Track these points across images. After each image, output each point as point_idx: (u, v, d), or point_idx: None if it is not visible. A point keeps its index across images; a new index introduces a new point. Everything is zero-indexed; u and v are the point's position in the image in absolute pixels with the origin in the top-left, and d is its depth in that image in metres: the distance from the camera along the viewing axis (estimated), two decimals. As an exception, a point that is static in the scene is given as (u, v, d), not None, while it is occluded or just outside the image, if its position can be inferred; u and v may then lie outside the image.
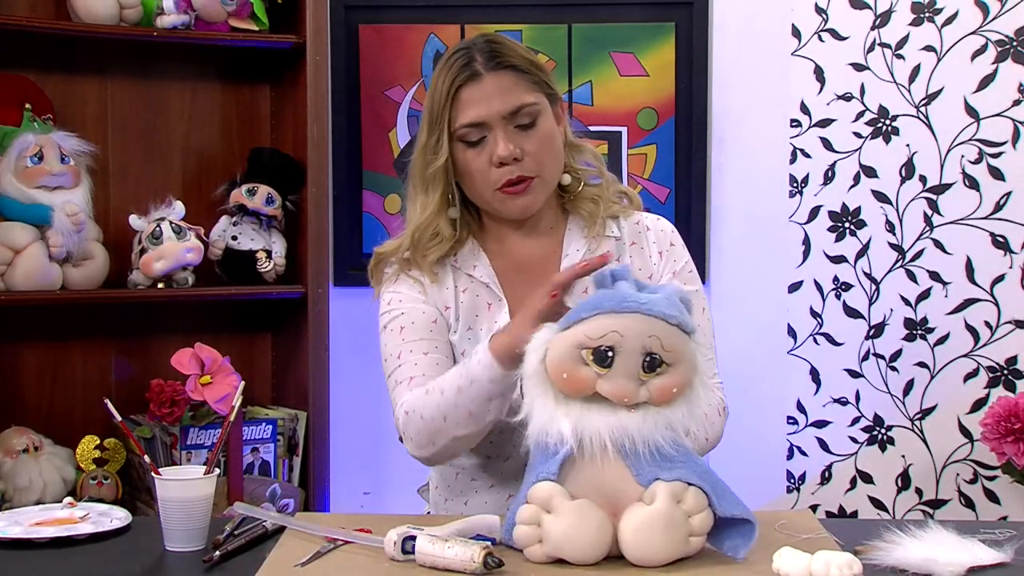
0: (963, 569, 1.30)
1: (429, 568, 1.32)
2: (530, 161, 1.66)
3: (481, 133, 1.65)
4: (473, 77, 1.64)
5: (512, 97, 1.65)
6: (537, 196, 1.69)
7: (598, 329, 1.32)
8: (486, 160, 1.65)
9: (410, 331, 1.70)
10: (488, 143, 1.65)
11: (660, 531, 1.31)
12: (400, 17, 2.83)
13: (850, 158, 2.78)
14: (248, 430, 2.51)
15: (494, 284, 1.73)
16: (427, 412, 1.59)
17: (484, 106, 1.64)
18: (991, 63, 2.70)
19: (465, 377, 1.54)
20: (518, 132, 1.65)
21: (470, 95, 1.64)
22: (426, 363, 1.66)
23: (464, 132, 1.65)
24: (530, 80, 1.67)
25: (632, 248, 1.77)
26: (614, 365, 1.32)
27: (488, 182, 1.66)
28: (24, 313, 2.53)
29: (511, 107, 1.64)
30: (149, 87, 2.65)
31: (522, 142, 1.65)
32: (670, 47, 2.82)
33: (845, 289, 2.79)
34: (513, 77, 1.66)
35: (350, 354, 2.75)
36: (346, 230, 2.85)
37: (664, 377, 1.33)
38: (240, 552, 1.41)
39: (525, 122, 1.66)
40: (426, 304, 1.73)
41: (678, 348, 1.34)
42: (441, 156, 1.66)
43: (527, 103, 1.65)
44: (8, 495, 2.35)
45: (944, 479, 2.76)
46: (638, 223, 1.79)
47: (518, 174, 1.65)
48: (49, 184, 2.37)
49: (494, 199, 1.68)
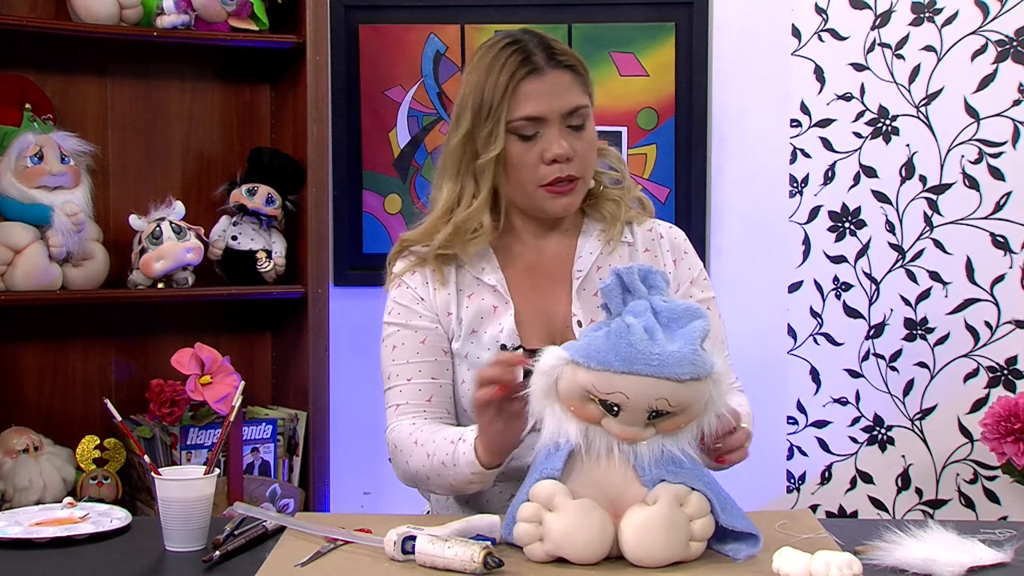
0: (963, 569, 1.30)
1: (429, 568, 1.32)
2: (578, 162, 1.66)
3: (535, 128, 1.65)
4: (535, 71, 1.65)
5: (570, 96, 1.66)
6: (578, 197, 1.70)
7: (605, 386, 1.31)
8: (536, 156, 1.65)
9: (400, 351, 1.72)
10: (540, 139, 1.65)
11: (661, 532, 1.31)
12: (400, 17, 2.83)
13: (850, 158, 2.78)
14: (248, 430, 2.51)
15: (501, 287, 1.72)
16: (412, 462, 1.65)
17: (544, 102, 1.64)
18: (991, 63, 2.70)
19: (450, 457, 1.58)
20: (570, 132, 1.66)
21: (531, 89, 1.64)
22: (409, 391, 1.70)
23: (519, 125, 1.65)
24: (582, 83, 1.69)
25: (645, 255, 1.77)
26: (620, 415, 1.32)
27: (535, 177, 1.66)
28: (24, 313, 2.53)
29: (570, 106, 1.65)
30: (149, 87, 2.65)
31: (573, 143, 1.66)
32: (670, 47, 2.82)
33: (845, 289, 2.79)
34: (571, 77, 1.67)
35: (350, 354, 2.75)
36: (346, 230, 2.85)
37: (672, 418, 1.33)
38: (240, 552, 1.41)
39: (577, 123, 1.67)
40: (420, 318, 1.72)
41: (687, 400, 1.32)
42: (495, 147, 1.65)
43: (581, 105, 1.67)
44: (8, 495, 2.35)
45: (944, 479, 2.76)
46: (651, 230, 1.79)
47: (567, 173, 1.66)
48: (49, 184, 2.37)
49: (537, 195, 1.68)
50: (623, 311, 1.34)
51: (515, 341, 1.68)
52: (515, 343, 1.68)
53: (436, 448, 1.60)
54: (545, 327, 1.71)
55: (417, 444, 1.64)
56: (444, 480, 1.61)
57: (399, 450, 1.67)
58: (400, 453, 1.67)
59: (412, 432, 1.66)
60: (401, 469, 1.69)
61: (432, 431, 1.64)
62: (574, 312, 1.70)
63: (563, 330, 1.70)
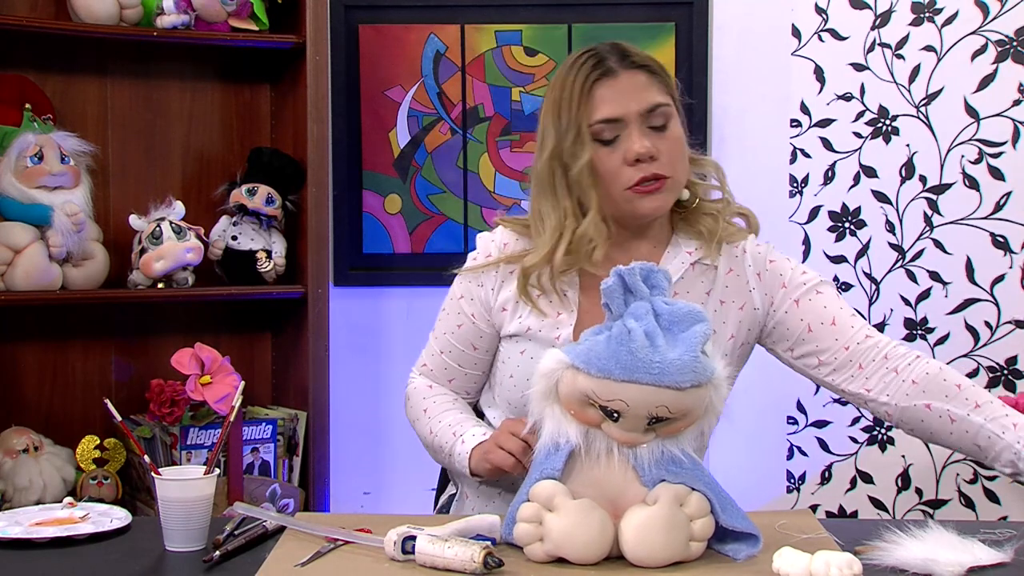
0: (963, 569, 1.30)
1: (429, 568, 1.32)
2: (664, 161, 1.62)
3: (615, 131, 1.62)
4: (608, 74, 1.62)
5: (648, 95, 1.63)
6: (669, 197, 1.65)
7: (605, 393, 1.31)
8: (619, 158, 1.62)
9: (445, 320, 1.78)
10: (621, 141, 1.62)
11: (661, 531, 1.31)
12: (400, 17, 2.83)
13: (850, 158, 2.78)
14: (248, 430, 2.51)
15: (573, 296, 1.68)
16: (418, 426, 1.79)
17: (620, 103, 1.62)
18: (991, 63, 2.70)
19: (448, 448, 1.70)
20: (652, 132, 1.62)
21: (605, 92, 1.62)
22: (437, 363, 1.80)
23: (599, 129, 1.62)
24: (661, 83, 1.66)
25: (728, 276, 1.71)
26: (620, 421, 1.32)
27: (621, 180, 1.62)
28: (24, 313, 2.53)
29: (647, 105, 1.62)
30: (149, 87, 2.65)
31: (656, 142, 1.62)
32: (670, 47, 2.82)
33: (845, 289, 2.79)
34: (647, 76, 1.64)
35: (350, 354, 2.75)
36: (346, 230, 2.85)
37: (672, 424, 1.33)
38: (240, 552, 1.41)
39: (659, 123, 1.63)
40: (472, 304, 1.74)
41: (688, 406, 1.32)
42: (584, 155, 1.61)
43: (661, 103, 1.63)
44: (8, 495, 2.35)
45: (944, 479, 2.76)
46: (738, 247, 1.73)
47: (653, 172, 1.61)
48: (49, 184, 2.37)
49: (624, 198, 1.63)
50: (624, 312, 1.34)
51: None
52: None
53: (439, 431, 1.72)
54: None
55: (425, 413, 1.76)
56: (440, 457, 1.74)
57: (411, 403, 1.81)
58: (411, 407, 1.81)
59: (426, 397, 1.78)
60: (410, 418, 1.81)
61: (443, 408, 1.75)
62: None
63: None
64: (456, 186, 2.85)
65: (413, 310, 2.82)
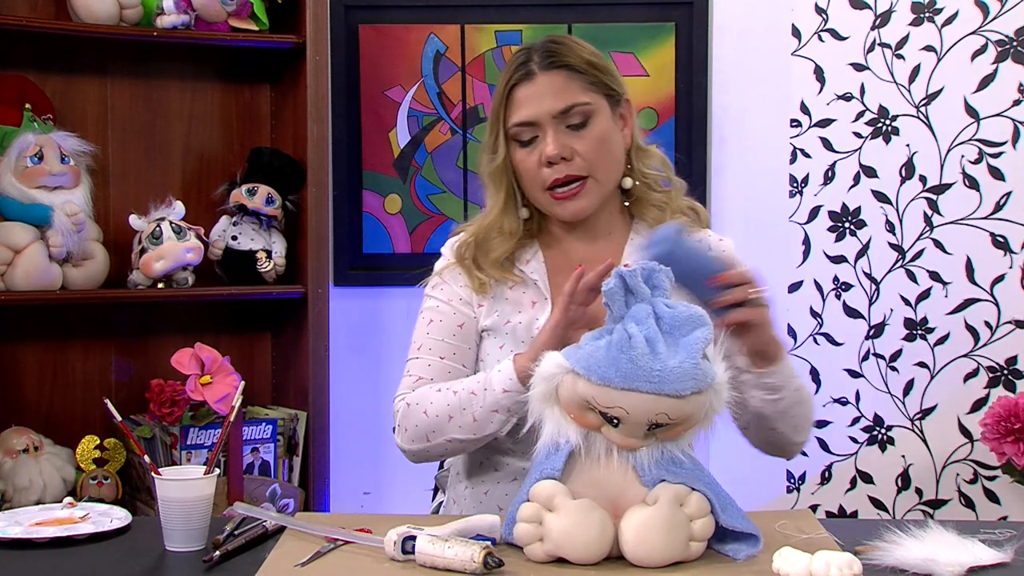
0: (963, 569, 1.30)
1: (429, 568, 1.31)
2: (581, 161, 1.65)
3: (533, 132, 1.66)
4: (527, 76, 1.66)
5: (563, 96, 1.65)
6: (590, 199, 1.68)
7: (605, 400, 1.30)
8: (536, 160, 1.65)
9: (436, 327, 1.73)
10: (539, 143, 1.65)
11: (661, 531, 1.31)
12: (400, 17, 2.83)
13: (850, 158, 2.78)
14: (248, 430, 2.51)
15: (543, 283, 1.72)
16: (432, 408, 1.63)
17: (535, 105, 1.65)
18: (991, 63, 2.70)
19: (481, 383, 1.60)
20: (569, 132, 1.65)
21: (523, 94, 1.66)
22: (439, 368, 1.71)
23: (516, 131, 1.66)
24: (586, 80, 1.67)
25: None
26: (619, 427, 1.32)
27: (539, 181, 1.66)
28: (24, 313, 2.53)
29: (561, 106, 1.64)
30: (149, 87, 2.65)
31: (572, 142, 1.65)
32: (670, 47, 2.82)
33: (845, 289, 2.79)
34: (566, 76, 1.66)
35: (350, 354, 2.75)
36: (346, 230, 2.85)
37: (672, 429, 1.33)
38: (240, 552, 1.41)
39: (576, 122, 1.65)
40: (463, 304, 1.74)
41: (688, 412, 1.31)
42: (499, 156, 1.68)
43: (578, 102, 1.65)
44: (8, 495, 2.35)
45: (944, 479, 2.76)
46: (701, 241, 1.75)
47: (567, 173, 1.64)
48: (49, 184, 2.37)
49: (544, 200, 1.68)
50: (626, 314, 1.34)
51: None
52: None
53: (464, 385, 1.62)
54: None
55: (440, 390, 1.65)
56: (468, 415, 1.60)
57: (412, 407, 1.66)
58: (413, 409, 1.66)
59: (429, 388, 1.67)
60: (413, 426, 1.66)
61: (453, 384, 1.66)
62: None
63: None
64: (456, 186, 2.85)
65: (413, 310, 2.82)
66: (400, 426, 1.69)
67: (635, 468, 1.34)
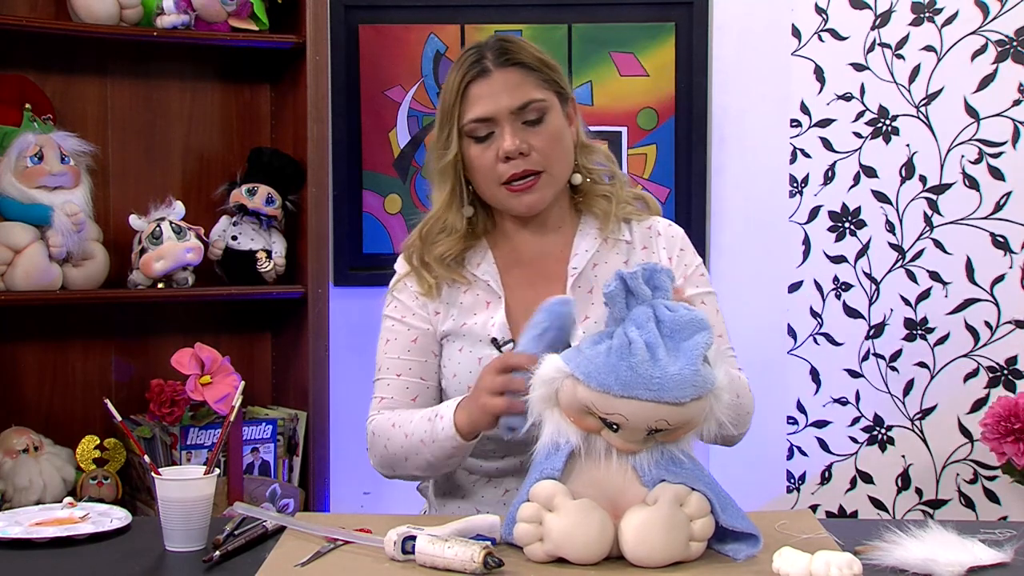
0: (963, 569, 1.30)
1: (429, 568, 1.32)
2: (537, 156, 1.67)
3: (489, 128, 1.67)
4: (482, 73, 1.67)
5: (519, 93, 1.67)
6: (544, 192, 1.70)
7: (604, 406, 1.30)
8: (493, 155, 1.67)
9: (392, 346, 1.78)
10: (495, 138, 1.67)
11: (661, 531, 1.31)
12: (400, 17, 2.83)
13: (850, 158, 2.78)
14: (248, 430, 2.51)
15: (495, 282, 1.74)
16: (391, 445, 1.70)
17: (491, 101, 1.66)
18: (991, 63, 2.70)
19: (429, 434, 1.62)
20: (525, 128, 1.67)
21: (478, 91, 1.67)
22: (397, 386, 1.76)
23: (472, 127, 1.68)
24: (539, 78, 1.69)
25: (643, 253, 1.77)
26: (619, 432, 1.32)
27: (494, 176, 1.68)
28: (24, 313, 2.53)
29: (518, 102, 1.67)
30: (149, 87, 2.65)
31: (529, 137, 1.67)
32: (670, 47, 2.82)
33: (845, 289, 2.79)
34: (521, 74, 1.68)
35: (350, 354, 2.75)
36: (346, 230, 2.85)
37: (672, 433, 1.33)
38: (240, 552, 1.41)
39: (532, 118, 1.68)
40: (414, 316, 1.76)
41: (687, 418, 1.31)
42: (451, 152, 1.69)
43: (534, 99, 1.68)
44: (8, 495, 2.35)
45: (944, 479, 2.76)
46: (650, 228, 1.80)
47: (524, 168, 1.67)
48: (49, 184, 2.37)
49: (500, 194, 1.70)
50: (627, 317, 1.33)
51: (506, 335, 1.69)
52: (506, 337, 1.69)
53: (414, 428, 1.66)
54: None
55: (395, 427, 1.69)
56: (422, 458, 1.65)
57: (376, 436, 1.73)
58: (377, 439, 1.73)
59: (390, 417, 1.72)
60: (379, 455, 1.74)
61: (408, 414, 1.69)
62: None
63: None
64: (456, 186, 2.85)
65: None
66: (369, 450, 1.77)
67: (635, 468, 1.34)
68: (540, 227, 1.77)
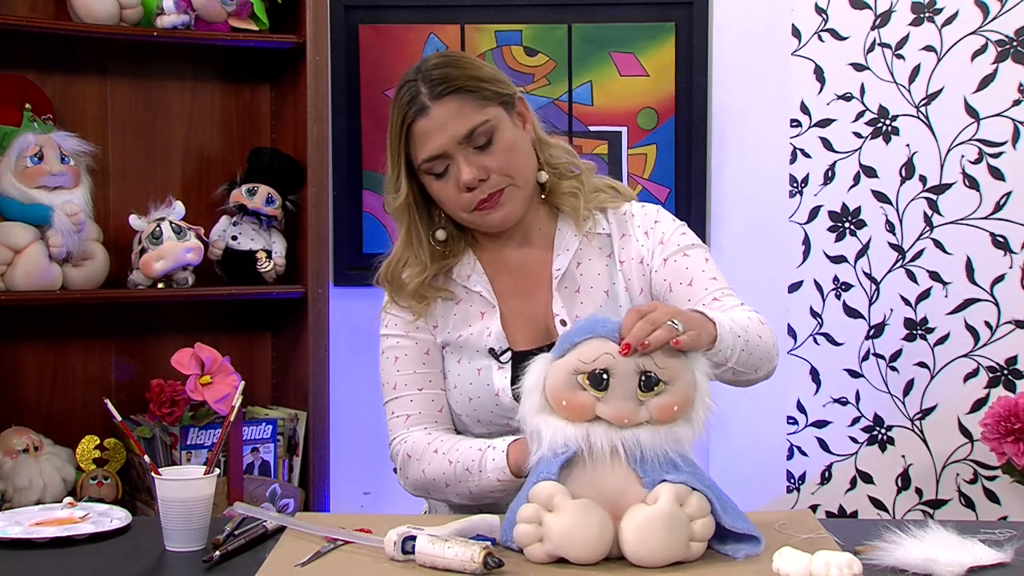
0: (963, 569, 1.30)
1: (429, 568, 1.31)
2: (496, 177, 1.65)
3: (444, 163, 1.65)
4: (421, 111, 1.64)
5: (462, 122, 1.63)
6: (514, 205, 1.68)
7: (591, 352, 1.34)
8: (454, 187, 1.65)
9: (404, 362, 1.74)
10: (452, 170, 1.65)
11: (661, 531, 1.31)
12: (400, 17, 2.83)
13: (850, 158, 2.78)
14: (248, 430, 2.51)
15: (487, 292, 1.73)
16: (431, 470, 1.65)
17: (438, 137, 1.63)
18: (991, 63, 2.70)
19: (476, 464, 1.59)
20: (478, 153, 1.64)
21: (422, 128, 1.64)
22: (421, 400, 1.72)
23: (428, 166, 1.65)
24: (477, 98, 1.65)
25: (622, 240, 1.75)
26: (610, 387, 1.33)
27: (462, 206, 1.67)
28: (24, 313, 2.53)
29: (463, 131, 1.63)
30: (149, 87, 2.65)
31: (484, 161, 1.64)
32: (670, 47, 2.82)
33: (845, 289, 2.79)
34: (458, 100, 1.63)
35: (350, 354, 2.75)
36: (346, 230, 2.85)
37: (663, 396, 1.34)
38: (240, 552, 1.41)
39: (482, 142, 1.64)
40: (419, 331, 1.74)
41: (674, 365, 1.34)
42: (401, 194, 1.69)
43: (478, 123, 1.64)
44: (8, 495, 2.35)
45: (944, 479, 2.76)
46: (624, 213, 1.77)
47: (488, 192, 1.65)
48: (49, 184, 2.37)
49: (471, 218, 1.69)
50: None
51: (503, 344, 1.69)
52: (503, 346, 1.69)
53: (460, 456, 1.61)
54: (531, 328, 1.72)
55: (437, 453, 1.64)
56: (464, 487, 1.61)
57: (413, 459, 1.67)
58: (414, 462, 1.67)
59: (431, 442, 1.66)
60: (414, 478, 1.68)
61: (453, 440, 1.66)
62: (556, 312, 1.71)
63: (547, 330, 1.71)
64: (456, 186, 2.85)
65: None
66: (401, 471, 1.71)
67: (635, 470, 1.34)
68: (523, 239, 1.75)
